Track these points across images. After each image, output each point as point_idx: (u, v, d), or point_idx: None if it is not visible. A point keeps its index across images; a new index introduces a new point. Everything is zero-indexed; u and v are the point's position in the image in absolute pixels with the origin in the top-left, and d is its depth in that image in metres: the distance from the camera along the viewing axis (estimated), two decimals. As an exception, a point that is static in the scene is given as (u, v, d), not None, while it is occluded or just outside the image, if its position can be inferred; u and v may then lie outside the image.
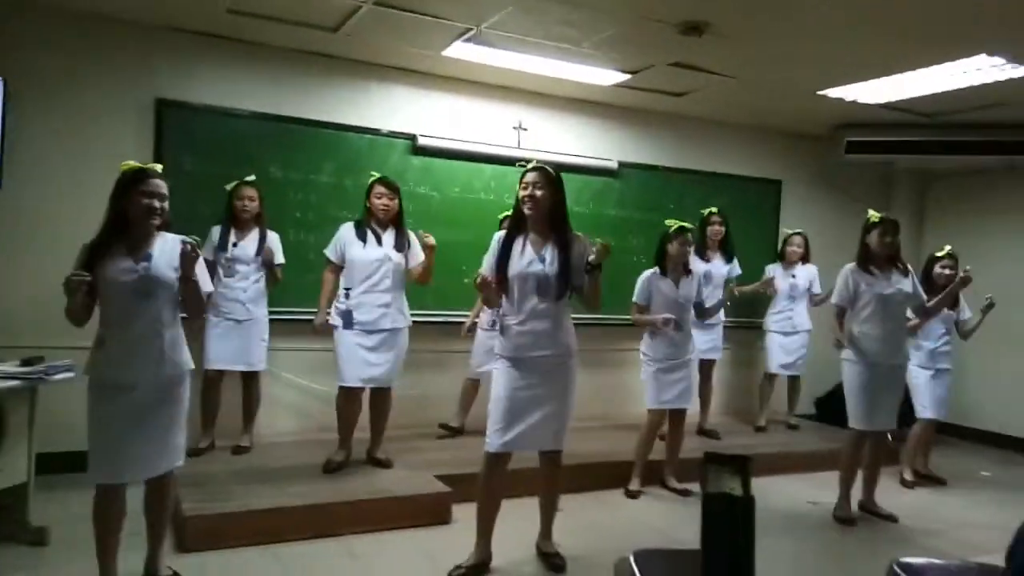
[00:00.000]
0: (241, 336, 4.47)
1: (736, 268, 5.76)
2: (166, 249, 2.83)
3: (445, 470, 4.23)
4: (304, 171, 5.04)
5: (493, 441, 3.23)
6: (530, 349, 3.21)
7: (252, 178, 4.53)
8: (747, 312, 6.30)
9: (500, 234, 3.35)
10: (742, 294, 5.94)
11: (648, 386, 4.55)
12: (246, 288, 4.48)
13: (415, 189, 5.35)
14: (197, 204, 4.54)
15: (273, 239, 4.59)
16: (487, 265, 3.28)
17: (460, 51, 4.74)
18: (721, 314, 5.51)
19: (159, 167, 2.88)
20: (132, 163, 2.83)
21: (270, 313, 4.66)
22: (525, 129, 5.71)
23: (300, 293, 4.77)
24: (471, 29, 4.35)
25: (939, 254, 5.01)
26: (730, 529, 1.27)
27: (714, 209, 5.67)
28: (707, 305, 4.75)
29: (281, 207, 4.94)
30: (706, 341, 5.42)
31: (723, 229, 5.65)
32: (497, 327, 3.35)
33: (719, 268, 5.61)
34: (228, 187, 4.48)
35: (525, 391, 3.21)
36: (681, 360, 4.53)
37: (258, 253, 4.51)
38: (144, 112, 4.64)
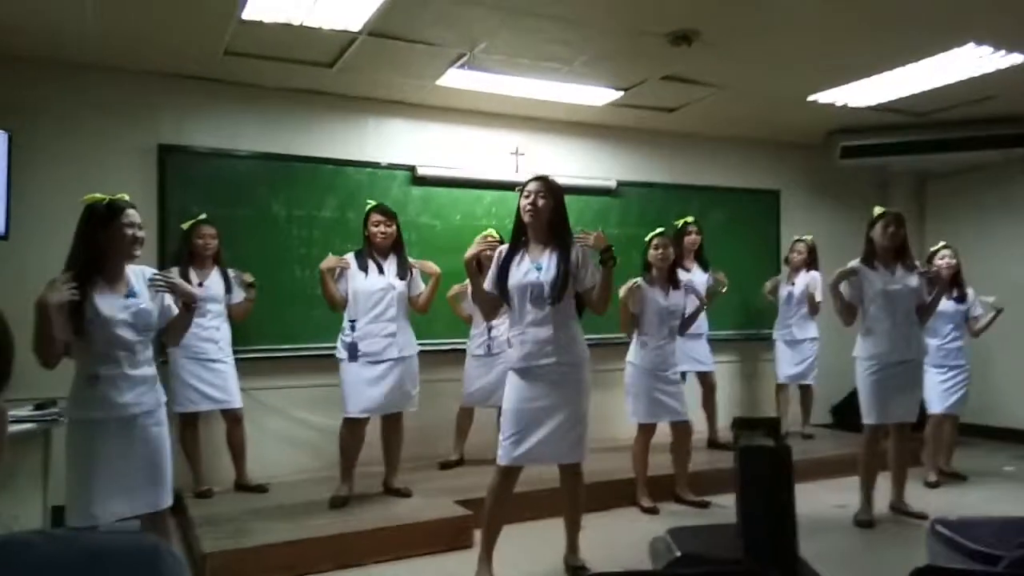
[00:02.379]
0: (217, 375, 4.40)
1: (710, 279, 5.59)
2: (141, 282, 2.86)
3: (463, 495, 4.17)
4: (306, 207, 5.08)
5: (505, 454, 3.20)
6: (535, 358, 3.20)
7: (204, 216, 4.49)
8: (752, 323, 6.27)
9: (503, 247, 3.39)
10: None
11: (635, 398, 4.48)
12: (219, 327, 4.45)
13: (417, 219, 5.39)
14: (202, 245, 4.58)
15: (234, 276, 4.56)
16: (490, 278, 3.35)
17: (454, 79, 4.81)
18: (705, 326, 5.48)
19: (127, 196, 2.88)
20: (98, 196, 2.82)
21: (273, 349, 4.67)
22: (523, 154, 5.77)
23: (306, 329, 4.78)
24: (464, 54, 4.42)
25: (934, 248, 5.08)
26: (768, 478, 1.24)
27: (689, 219, 5.56)
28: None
29: (285, 244, 4.99)
30: (695, 353, 5.38)
31: (699, 238, 5.52)
32: (508, 338, 3.39)
33: (699, 277, 5.47)
34: (184, 226, 4.45)
35: (534, 402, 3.19)
36: (670, 371, 4.49)
37: (227, 291, 4.49)
38: (147, 159, 4.71)
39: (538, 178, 3.30)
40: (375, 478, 4.41)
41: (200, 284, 4.37)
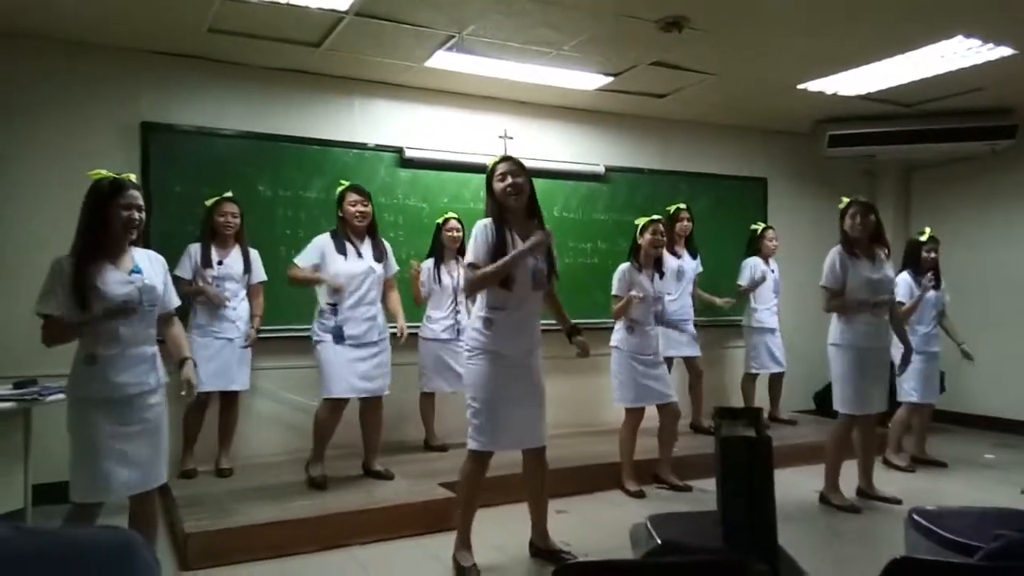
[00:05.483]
0: (228, 356, 4.37)
1: (699, 266, 5.67)
2: (147, 262, 2.84)
3: (445, 478, 4.18)
4: (292, 188, 5.04)
5: (480, 439, 3.17)
6: (517, 341, 3.19)
7: (230, 194, 4.47)
8: (714, 311, 6.26)
9: (486, 222, 3.19)
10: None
11: (621, 383, 4.50)
12: (236, 306, 4.42)
13: (404, 201, 5.37)
14: (186, 224, 4.55)
15: (255, 256, 4.54)
16: (480, 254, 3.11)
17: (443, 60, 4.77)
18: (691, 311, 5.54)
19: (133, 176, 2.82)
20: (103, 172, 2.76)
21: (258, 332, 4.62)
22: (511, 138, 5.73)
23: (291, 310, 4.75)
24: (453, 36, 4.38)
25: (922, 238, 5.11)
26: (748, 467, 1.25)
27: (682, 205, 5.59)
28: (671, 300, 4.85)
29: (270, 225, 4.94)
30: (681, 338, 5.39)
31: (691, 225, 5.57)
32: (479, 320, 3.21)
33: (689, 263, 5.55)
34: (208, 203, 4.43)
35: (508, 386, 3.17)
36: (654, 355, 4.52)
37: (246, 271, 4.46)
38: (130, 136, 4.64)
39: (506, 159, 3.22)
40: (355, 460, 4.41)
41: (220, 262, 4.36)
